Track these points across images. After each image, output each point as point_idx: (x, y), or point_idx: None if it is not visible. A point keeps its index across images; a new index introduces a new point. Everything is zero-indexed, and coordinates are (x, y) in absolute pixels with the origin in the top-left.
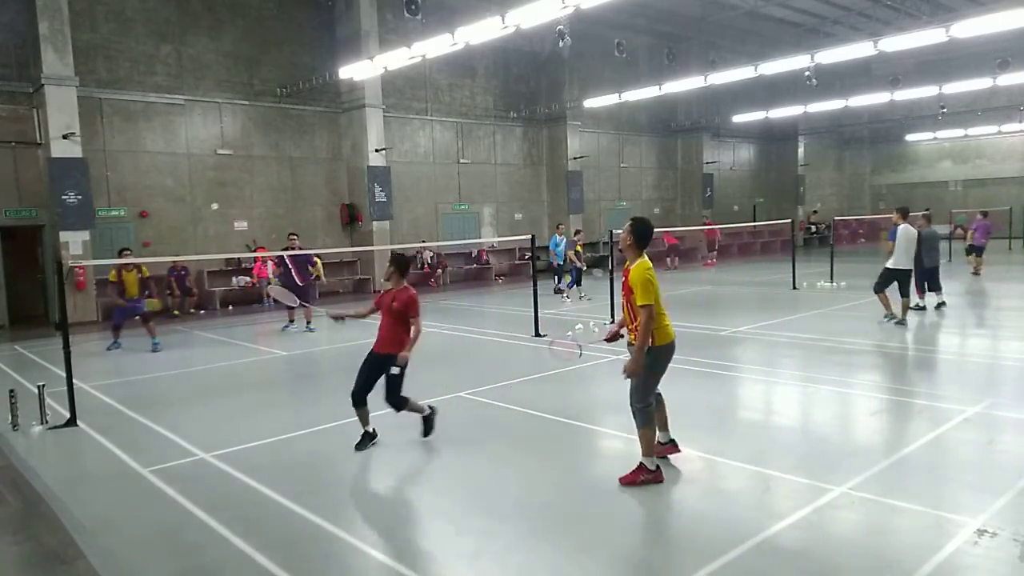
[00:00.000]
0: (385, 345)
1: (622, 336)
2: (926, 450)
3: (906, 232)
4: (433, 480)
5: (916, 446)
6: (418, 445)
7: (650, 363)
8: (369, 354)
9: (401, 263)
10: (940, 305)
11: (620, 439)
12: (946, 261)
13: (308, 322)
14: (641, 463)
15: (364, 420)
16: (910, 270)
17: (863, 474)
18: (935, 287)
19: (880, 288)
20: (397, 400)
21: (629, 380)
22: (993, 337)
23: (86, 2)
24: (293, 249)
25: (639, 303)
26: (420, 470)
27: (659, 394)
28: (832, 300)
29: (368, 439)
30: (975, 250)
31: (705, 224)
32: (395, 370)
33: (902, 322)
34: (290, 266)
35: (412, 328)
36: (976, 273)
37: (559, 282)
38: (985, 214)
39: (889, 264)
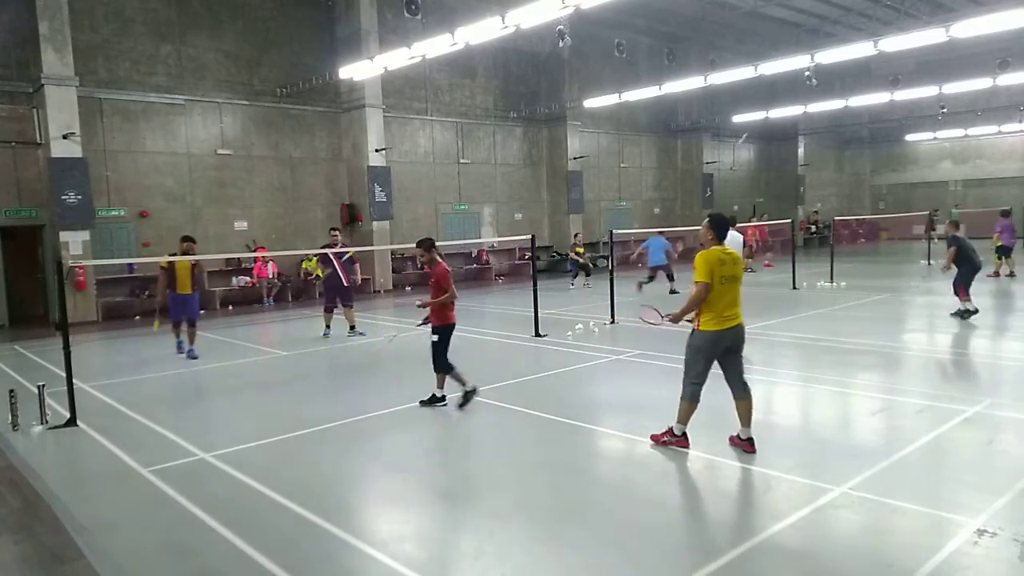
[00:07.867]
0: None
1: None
2: (926, 450)
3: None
4: (433, 480)
5: (916, 446)
6: (418, 445)
7: (690, 342)
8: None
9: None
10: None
11: (620, 439)
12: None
13: (350, 326)
14: (670, 427)
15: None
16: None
17: (863, 474)
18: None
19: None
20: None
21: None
22: (993, 337)
23: (86, 2)
24: (336, 246)
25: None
26: (420, 470)
27: (746, 387)
28: (832, 300)
29: None
30: (1004, 251)
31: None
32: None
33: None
34: (336, 267)
35: None
36: (1011, 275)
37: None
38: (1006, 213)
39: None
